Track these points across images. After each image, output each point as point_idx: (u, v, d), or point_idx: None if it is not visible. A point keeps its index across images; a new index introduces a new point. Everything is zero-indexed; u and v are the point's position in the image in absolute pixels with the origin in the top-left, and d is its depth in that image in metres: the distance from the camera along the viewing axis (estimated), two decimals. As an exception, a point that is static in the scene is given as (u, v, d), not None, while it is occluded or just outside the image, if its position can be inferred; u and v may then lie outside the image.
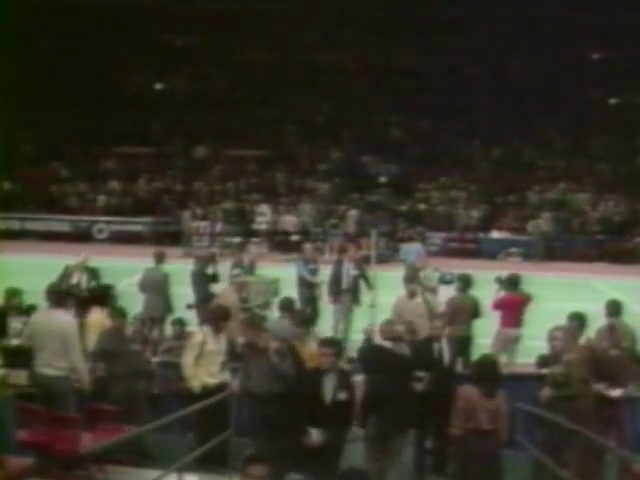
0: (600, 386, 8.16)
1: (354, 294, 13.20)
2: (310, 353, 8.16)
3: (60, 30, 33.88)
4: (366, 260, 14.66)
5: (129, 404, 8.32)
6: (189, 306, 12.59)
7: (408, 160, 31.41)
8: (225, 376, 8.51)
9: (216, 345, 8.39)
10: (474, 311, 11.39)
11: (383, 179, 30.56)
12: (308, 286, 13.60)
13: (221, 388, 8.35)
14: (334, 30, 35.29)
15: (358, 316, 13.10)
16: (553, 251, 25.75)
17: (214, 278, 12.85)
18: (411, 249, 23.83)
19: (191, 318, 12.05)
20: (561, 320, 9.16)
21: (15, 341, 9.23)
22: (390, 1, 32.83)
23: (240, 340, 8.99)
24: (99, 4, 34.24)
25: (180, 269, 13.50)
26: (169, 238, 25.70)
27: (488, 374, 7.32)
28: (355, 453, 7.84)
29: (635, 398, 9.33)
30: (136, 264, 13.15)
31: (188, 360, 8.35)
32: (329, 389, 7.10)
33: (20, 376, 8.55)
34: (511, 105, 32.49)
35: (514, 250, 25.76)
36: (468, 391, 7.26)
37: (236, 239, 25.92)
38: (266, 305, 12.69)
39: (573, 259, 25.15)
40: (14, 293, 10.23)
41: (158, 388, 9.38)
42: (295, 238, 25.34)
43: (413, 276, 13.20)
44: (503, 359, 11.31)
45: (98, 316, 9.82)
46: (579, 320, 8.96)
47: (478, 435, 7.11)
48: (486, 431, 7.11)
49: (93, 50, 34.75)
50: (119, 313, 9.14)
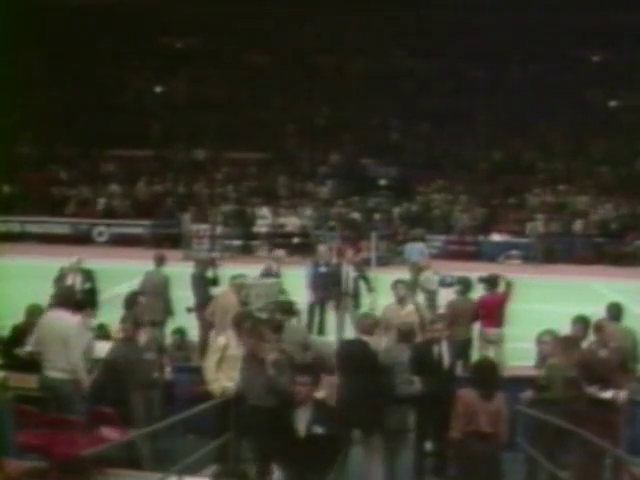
0: (592, 388, 8.17)
1: (354, 297, 13.17)
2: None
3: (60, 33, 33.86)
4: (366, 263, 14.67)
5: (144, 412, 8.25)
6: (189, 309, 12.59)
7: (408, 163, 31.42)
8: None
9: (238, 350, 8.24)
10: (474, 314, 11.39)
11: (383, 182, 30.57)
12: (322, 289, 13.50)
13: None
14: (334, 33, 35.32)
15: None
16: (553, 253, 25.74)
17: (214, 282, 12.83)
18: (415, 249, 23.86)
19: (191, 321, 12.09)
20: (561, 322, 9.16)
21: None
22: (390, 3, 32.82)
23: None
24: (99, 6, 34.26)
25: (180, 272, 13.49)
26: (169, 241, 25.71)
27: (487, 377, 7.32)
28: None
29: (635, 401, 9.33)
30: (136, 267, 13.13)
31: (210, 364, 8.27)
32: (304, 423, 6.29)
33: (28, 380, 8.59)
34: (511, 108, 32.52)
35: (514, 253, 25.76)
36: (468, 394, 7.24)
37: (236, 242, 25.98)
38: (266, 308, 12.69)
39: (573, 261, 25.16)
40: (36, 310, 9.61)
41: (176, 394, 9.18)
42: (295, 241, 25.36)
43: (416, 275, 13.28)
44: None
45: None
46: (584, 323, 8.96)
47: (478, 438, 7.09)
48: (486, 434, 7.10)
49: (93, 52, 34.77)
50: (132, 320, 8.91)
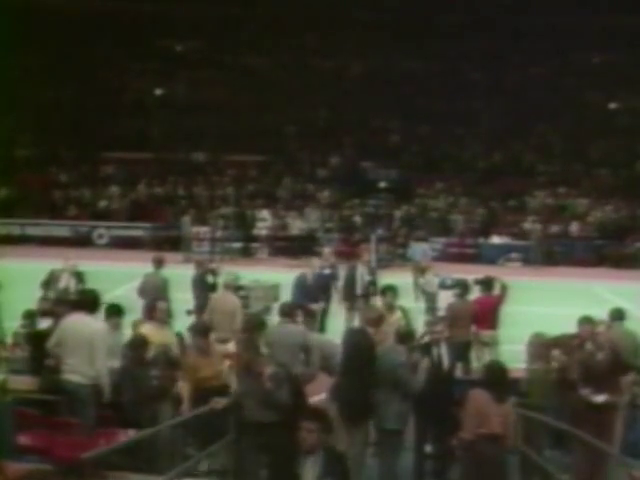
0: (585, 391, 8.18)
1: (367, 300, 13.13)
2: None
3: (60, 35, 33.89)
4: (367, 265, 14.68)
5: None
6: (188, 312, 12.58)
7: (408, 165, 31.44)
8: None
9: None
10: (473, 316, 11.39)
11: (383, 184, 30.57)
12: (324, 291, 13.62)
13: None
14: (334, 35, 35.34)
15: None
16: (553, 256, 25.74)
17: (213, 288, 12.82)
18: (418, 249, 23.93)
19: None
20: (561, 324, 9.17)
21: None
22: (390, 6, 32.87)
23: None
24: (99, 10, 34.30)
25: (180, 274, 13.50)
26: (169, 243, 25.73)
27: (500, 379, 7.27)
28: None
29: (636, 404, 9.33)
30: (136, 269, 13.14)
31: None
32: (312, 474, 5.63)
33: (29, 382, 8.60)
34: (510, 110, 32.55)
35: (514, 255, 25.76)
36: (480, 395, 7.15)
37: (236, 244, 25.98)
38: (266, 310, 12.71)
39: (573, 264, 25.16)
40: (31, 314, 9.75)
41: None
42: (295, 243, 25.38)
43: (418, 275, 13.30)
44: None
45: (146, 330, 9.09)
46: (590, 324, 8.96)
47: (489, 440, 7.04)
48: (497, 436, 7.06)
49: (93, 55, 34.79)
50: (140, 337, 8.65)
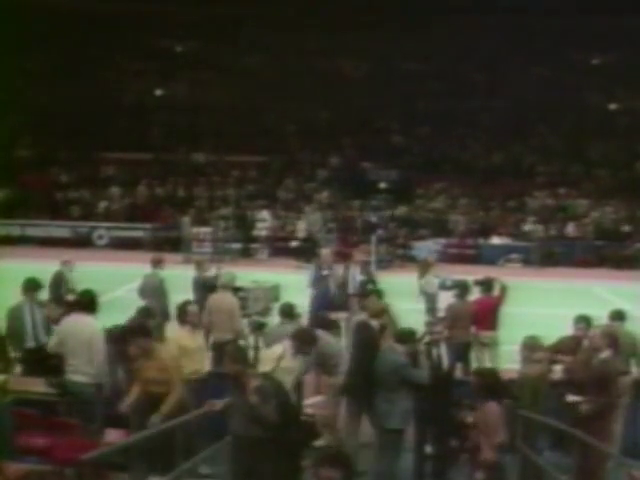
0: (571, 397, 8.20)
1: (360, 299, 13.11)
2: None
3: (60, 36, 33.92)
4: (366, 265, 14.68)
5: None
6: None
7: (408, 166, 31.43)
8: (295, 396, 7.96)
9: (292, 362, 7.99)
10: (473, 317, 11.39)
11: (383, 185, 30.56)
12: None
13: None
14: (334, 36, 35.34)
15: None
16: (553, 257, 25.73)
17: (213, 289, 12.77)
18: (423, 247, 23.99)
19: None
20: (560, 325, 9.18)
21: None
22: (390, 6, 32.87)
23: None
24: (99, 10, 34.31)
25: (180, 275, 13.50)
26: (169, 244, 25.74)
27: (496, 385, 7.27)
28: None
29: (636, 405, 9.34)
30: (136, 270, 13.15)
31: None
32: None
33: (28, 383, 8.60)
34: (510, 111, 32.56)
35: (514, 256, 25.76)
36: (495, 409, 7.03)
37: (236, 245, 25.97)
38: (265, 311, 12.68)
39: (573, 265, 25.17)
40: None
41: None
42: (295, 244, 25.37)
43: (424, 272, 13.30)
44: (487, 364, 11.40)
45: (180, 334, 8.88)
46: (585, 323, 8.96)
47: (500, 450, 7.01)
48: (504, 443, 7.04)
49: (93, 56, 34.80)
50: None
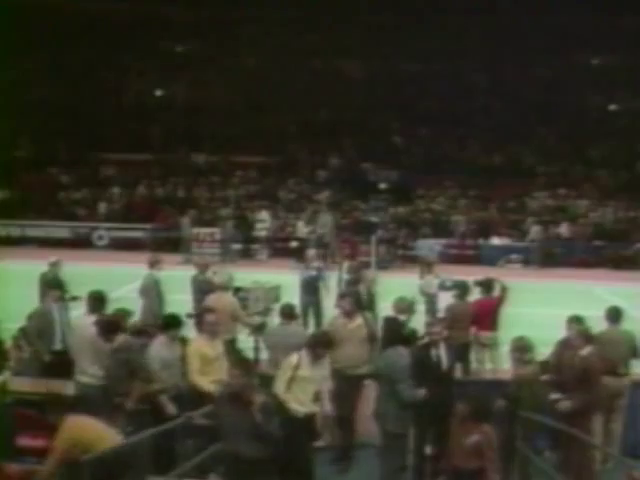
0: (555, 396, 8.24)
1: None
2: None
3: (60, 36, 33.92)
4: (367, 266, 14.71)
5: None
6: (189, 315, 12.50)
7: (408, 166, 31.41)
8: (317, 407, 7.92)
9: (310, 372, 7.76)
10: (473, 318, 11.39)
11: (383, 185, 30.52)
12: (311, 292, 13.77)
13: (310, 419, 7.83)
14: (334, 36, 35.35)
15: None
16: (553, 257, 25.73)
17: (210, 291, 12.76)
18: (425, 245, 23.97)
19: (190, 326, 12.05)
20: (561, 325, 9.17)
21: None
22: (390, 7, 32.87)
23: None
24: (99, 10, 34.31)
25: (180, 276, 13.50)
26: (169, 244, 25.74)
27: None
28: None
29: (636, 405, 9.35)
30: (136, 270, 13.15)
31: (279, 383, 7.79)
32: None
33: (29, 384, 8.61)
34: (510, 111, 32.55)
35: (514, 256, 25.76)
36: (490, 431, 7.07)
37: (236, 246, 25.96)
38: (266, 312, 12.69)
39: (573, 265, 25.17)
40: (125, 314, 9.42)
41: None
42: (294, 244, 25.36)
43: (426, 271, 13.34)
44: (487, 364, 11.41)
45: (200, 343, 8.66)
46: (578, 323, 8.96)
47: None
48: None
49: (93, 56, 34.80)
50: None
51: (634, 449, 8.73)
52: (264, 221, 27.22)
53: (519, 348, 8.34)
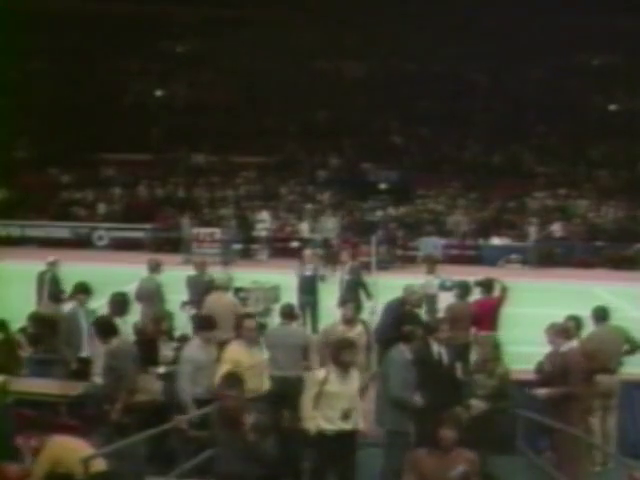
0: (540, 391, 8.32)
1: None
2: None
3: (60, 36, 33.94)
4: (367, 267, 14.70)
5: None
6: (184, 303, 12.43)
7: (408, 166, 31.45)
8: (348, 425, 7.40)
9: (338, 387, 7.33)
10: (473, 318, 11.39)
11: (383, 185, 30.57)
12: (309, 293, 13.80)
13: (341, 437, 7.35)
14: (334, 36, 35.36)
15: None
16: (553, 258, 25.73)
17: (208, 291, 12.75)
18: (429, 242, 23.92)
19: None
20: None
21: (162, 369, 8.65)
22: (390, 8, 32.87)
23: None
24: (99, 11, 34.31)
25: (179, 276, 13.49)
26: (169, 245, 25.75)
27: None
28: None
29: (632, 404, 9.35)
30: (136, 271, 13.15)
31: (306, 398, 7.43)
32: None
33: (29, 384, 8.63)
34: (510, 111, 32.56)
35: (514, 257, 25.76)
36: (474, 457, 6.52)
37: (236, 246, 25.96)
38: (266, 312, 12.70)
39: (573, 265, 25.17)
40: (163, 317, 9.32)
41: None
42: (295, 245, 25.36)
43: (430, 269, 13.40)
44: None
45: (236, 350, 8.39)
46: (575, 322, 8.95)
47: None
48: None
49: (93, 57, 34.81)
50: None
51: (634, 449, 8.72)
52: (264, 221, 27.23)
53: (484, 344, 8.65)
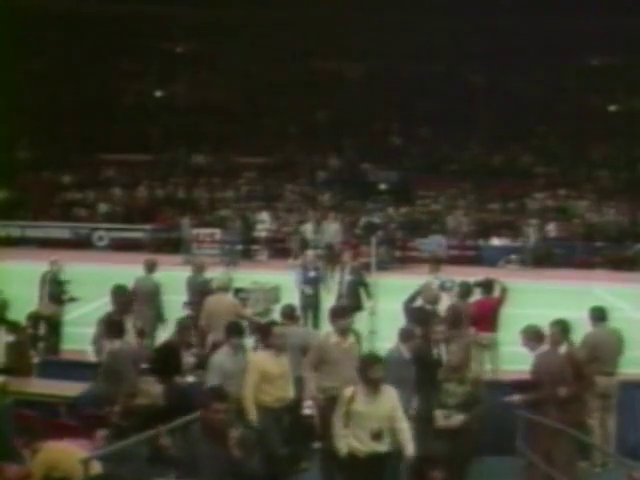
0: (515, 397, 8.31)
1: (352, 301, 13.15)
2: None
3: (60, 37, 33.92)
4: (366, 267, 14.68)
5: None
6: (185, 304, 12.43)
7: (408, 167, 31.43)
8: (380, 446, 7.03)
9: (365, 406, 7.01)
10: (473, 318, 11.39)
11: (383, 186, 30.55)
12: (310, 294, 13.82)
13: (373, 459, 6.99)
14: (334, 36, 35.34)
15: (358, 323, 13.08)
16: (553, 258, 25.73)
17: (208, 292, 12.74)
18: (432, 241, 23.86)
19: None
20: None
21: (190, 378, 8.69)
22: (390, 8, 32.85)
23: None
24: (99, 12, 34.28)
25: (180, 277, 13.48)
26: (169, 245, 25.75)
27: None
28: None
29: (630, 404, 9.35)
30: (136, 271, 13.13)
31: (336, 418, 7.15)
32: None
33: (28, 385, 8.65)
34: (510, 112, 32.54)
35: (514, 257, 25.74)
36: None
37: (237, 247, 25.94)
38: (266, 313, 12.69)
39: (573, 266, 25.16)
40: (189, 326, 9.36)
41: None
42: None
43: (434, 268, 13.41)
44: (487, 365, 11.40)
45: (262, 359, 8.28)
46: (561, 326, 8.91)
47: None
48: None
49: (93, 57, 34.78)
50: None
51: (634, 449, 8.71)
52: (264, 222, 27.22)
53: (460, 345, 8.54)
